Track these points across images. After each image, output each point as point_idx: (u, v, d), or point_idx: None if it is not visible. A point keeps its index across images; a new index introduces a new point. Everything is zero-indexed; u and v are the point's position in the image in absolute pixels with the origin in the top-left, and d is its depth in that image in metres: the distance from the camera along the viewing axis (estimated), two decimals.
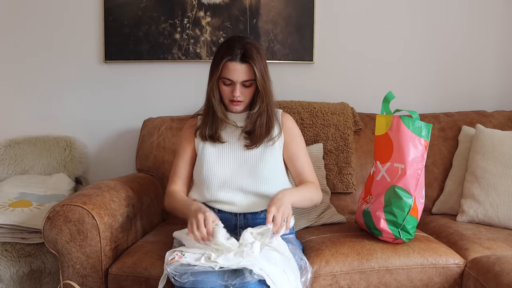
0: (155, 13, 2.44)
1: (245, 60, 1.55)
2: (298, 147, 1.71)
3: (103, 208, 1.64)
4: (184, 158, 1.72)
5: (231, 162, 1.64)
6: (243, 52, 1.55)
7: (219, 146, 1.66)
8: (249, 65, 1.55)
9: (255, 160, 1.64)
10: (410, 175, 1.66)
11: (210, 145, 1.67)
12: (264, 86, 1.58)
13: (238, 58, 1.55)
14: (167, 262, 1.36)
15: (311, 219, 1.98)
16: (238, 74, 1.56)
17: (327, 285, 1.57)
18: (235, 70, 1.55)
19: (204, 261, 1.34)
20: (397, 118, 1.71)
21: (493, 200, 1.92)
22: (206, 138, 1.66)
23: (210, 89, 1.62)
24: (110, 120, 2.52)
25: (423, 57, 2.55)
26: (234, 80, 1.57)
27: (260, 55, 1.58)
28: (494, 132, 2.07)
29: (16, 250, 1.90)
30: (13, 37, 2.48)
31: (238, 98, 1.59)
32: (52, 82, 2.51)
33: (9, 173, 2.35)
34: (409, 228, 1.66)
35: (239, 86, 1.58)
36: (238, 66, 1.55)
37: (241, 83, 1.58)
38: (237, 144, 1.66)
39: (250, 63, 1.55)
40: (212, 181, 1.63)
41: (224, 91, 1.61)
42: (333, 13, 2.50)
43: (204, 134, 1.66)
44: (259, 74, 1.55)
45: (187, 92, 2.50)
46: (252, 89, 1.60)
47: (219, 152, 1.66)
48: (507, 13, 2.54)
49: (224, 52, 1.57)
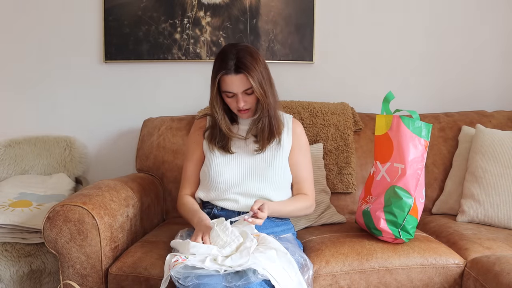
0: (155, 13, 2.44)
1: (239, 70, 1.54)
2: (302, 156, 1.74)
3: (103, 208, 1.64)
4: (193, 162, 1.75)
5: (241, 167, 1.67)
6: (236, 62, 1.54)
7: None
8: (244, 75, 1.55)
9: (264, 165, 1.66)
10: (410, 175, 1.66)
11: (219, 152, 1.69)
12: (262, 92, 1.58)
13: (232, 70, 1.54)
14: (170, 265, 1.36)
15: (311, 219, 1.98)
16: (236, 86, 1.57)
17: (327, 285, 1.57)
18: (232, 83, 1.56)
19: (209, 262, 1.34)
20: (397, 118, 1.71)
21: (493, 200, 1.92)
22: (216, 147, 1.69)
23: (211, 104, 1.64)
24: (110, 120, 2.52)
25: (423, 57, 2.54)
26: (235, 92, 1.58)
27: (255, 60, 1.57)
28: (494, 132, 2.06)
29: (16, 250, 1.90)
30: (13, 37, 2.48)
31: (244, 107, 1.61)
32: (52, 82, 2.51)
33: (9, 173, 2.35)
34: (409, 228, 1.66)
35: (242, 96, 1.59)
36: (234, 78, 1.55)
37: (242, 93, 1.58)
38: (246, 150, 1.69)
39: (244, 73, 1.54)
40: (220, 183, 1.65)
41: (230, 103, 1.64)
42: (333, 13, 2.50)
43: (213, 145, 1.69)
44: (254, 82, 1.55)
45: (187, 92, 2.50)
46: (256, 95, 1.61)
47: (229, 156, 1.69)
48: (507, 13, 2.54)
49: (218, 66, 1.58)
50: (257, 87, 1.56)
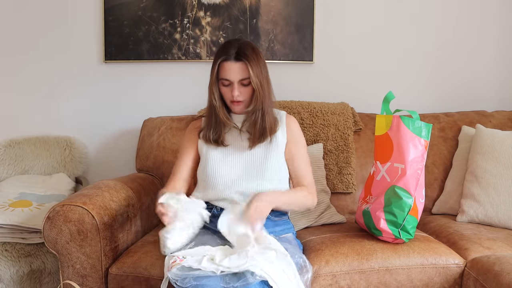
0: (155, 13, 2.44)
1: (239, 58, 1.56)
2: (298, 150, 1.72)
3: (103, 208, 1.64)
4: (185, 160, 1.73)
5: (237, 163, 1.66)
6: (238, 51, 1.57)
7: (223, 148, 1.68)
8: (244, 63, 1.56)
9: (259, 161, 1.65)
10: (410, 175, 1.66)
11: (214, 148, 1.68)
12: (258, 84, 1.58)
13: (233, 57, 1.57)
14: (168, 266, 1.36)
15: (311, 219, 1.98)
16: (234, 73, 1.57)
17: (327, 285, 1.57)
18: (231, 69, 1.57)
19: (206, 262, 1.33)
20: (397, 118, 1.71)
21: (493, 200, 1.92)
22: (211, 142, 1.68)
23: (210, 91, 1.64)
24: (110, 120, 2.52)
25: (423, 57, 2.55)
26: (232, 80, 1.58)
27: (256, 54, 1.59)
28: (494, 132, 2.06)
29: (16, 250, 1.90)
30: (13, 37, 2.48)
31: (238, 98, 1.60)
32: (52, 82, 2.51)
33: (9, 173, 2.35)
34: (409, 228, 1.66)
35: (237, 86, 1.59)
36: (233, 65, 1.57)
37: (239, 82, 1.58)
38: (241, 146, 1.68)
39: (244, 61, 1.56)
40: (217, 181, 1.64)
41: (225, 92, 1.63)
42: (333, 13, 2.50)
43: (208, 137, 1.68)
44: (252, 72, 1.56)
45: (187, 92, 2.50)
46: (251, 88, 1.61)
47: (224, 153, 1.68)
48: (507, 13, 2.54)
49: (220, 54, 1.60)
50: (254, 78, 1.57)
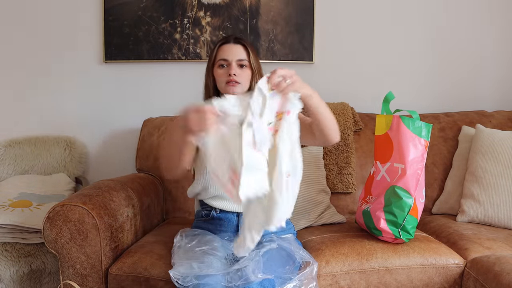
0: (155, 13, 2.44)
1: (238, 41, 1.63)
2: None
3: (103, 208, 1.64)
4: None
5: None
6: (236, 37, 1.65)
7: None
8: (242, 46, 1.62)
9: None
10: (410, 175, 1.66)
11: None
12: (257, 65, 1.63)
13: (232, 40, 1.64)
14: None
15: (311, 219, 1.98)
16: (232, 53, 1.61)
17: (327, 285, 1.57)
18: (229, 49, 1.62)
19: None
20: (397, 118, 1.71)
21: (493, 200, 1.92)
22: None
23: (206, 72, 1.67)
24: (110, 120, 2.52)
25: (424, 57, 2.55)
26: (230, 60, 1.60)
27: (253, 47, 1.66)
28: (494, 132, 2.06)
29: (16, 250, 1.90)
30: (13, 37, 2.48)
31: (235, 77, 1.58)
32: (52, 82, 2.51)
33: (9, 173, 2.35)
34: (409, 228, 1.66)
35: (235, 65, 1.60)
36: (232, 46, 1.63)
37: (236, 63, 1.61)
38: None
39: (243, 43, 1.62)
40: None
41: (221, 74, 1.61)
42: (333, 13, 2.50)
43: None
44: (251, 53, 1.62)
45: (187, 92, 2.49)
46: (248, 72, 1.62)
47: None
48: (507, 13, 2.54)
49: (219, 41, 1.67)
50: (253, 59, 1.62)
